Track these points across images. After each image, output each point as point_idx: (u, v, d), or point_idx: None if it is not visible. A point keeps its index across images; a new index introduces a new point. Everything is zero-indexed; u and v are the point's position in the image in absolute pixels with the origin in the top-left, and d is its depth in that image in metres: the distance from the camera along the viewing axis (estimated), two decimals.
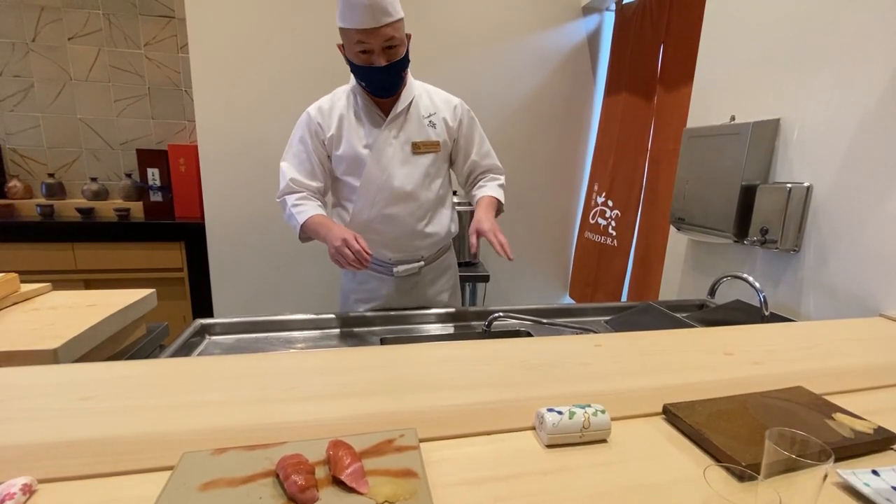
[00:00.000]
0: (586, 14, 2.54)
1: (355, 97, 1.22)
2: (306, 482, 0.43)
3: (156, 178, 2.49)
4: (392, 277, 1.31)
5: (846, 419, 0.61)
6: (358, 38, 1.06)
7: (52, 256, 2.26)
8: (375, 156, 1.20)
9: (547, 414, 0.56)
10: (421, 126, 1.24)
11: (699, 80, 1.69)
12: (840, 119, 1.21)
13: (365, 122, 1.21)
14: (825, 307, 1.24)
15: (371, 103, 1.21)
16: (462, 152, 1.33)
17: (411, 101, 1.23)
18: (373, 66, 1.10)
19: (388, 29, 1.05)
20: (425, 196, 1.26)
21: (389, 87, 1.17)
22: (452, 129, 1.28)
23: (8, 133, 2.51)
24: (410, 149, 1.23)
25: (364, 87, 1.17)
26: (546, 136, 2.64)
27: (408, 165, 1.23)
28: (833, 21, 1.22)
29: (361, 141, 1.21)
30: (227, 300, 2.41)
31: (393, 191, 1.22)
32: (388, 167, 1.21)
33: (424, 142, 1.24)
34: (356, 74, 1.16)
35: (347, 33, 1.07)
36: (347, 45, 1.10)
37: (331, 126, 1.21)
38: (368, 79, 1.14)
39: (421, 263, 1.32)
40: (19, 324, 0.89)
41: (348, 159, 1.22)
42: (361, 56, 1.09)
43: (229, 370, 0.72)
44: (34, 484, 0.46)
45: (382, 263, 1.30)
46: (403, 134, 1.22)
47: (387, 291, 1.33)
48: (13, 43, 2.42)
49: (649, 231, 2.25)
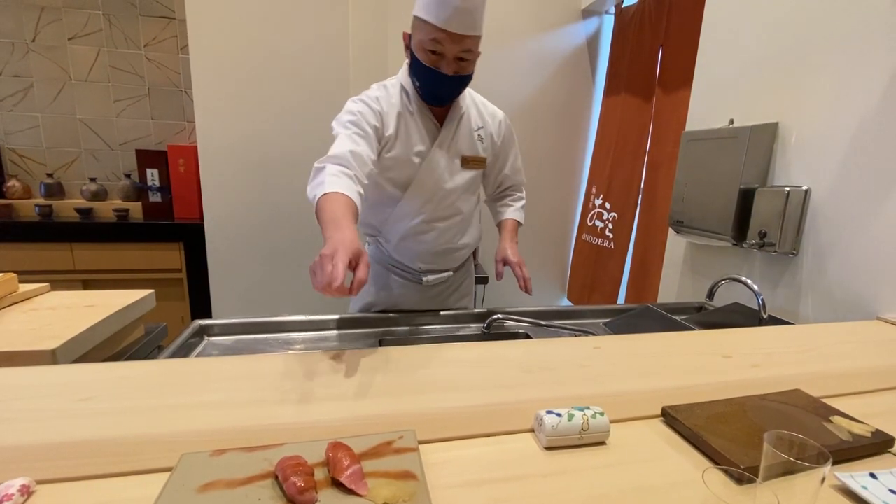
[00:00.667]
0: (586, 17, 2.55)
1: (409, 98, 1.12)
2: (306, 484, 0.43)
3: (155, 178, 2.49)
4: (419, 285, 1.28)
5: (844, 422, 0.61)
6: (435, 37, 0.97)
7: (50, 256, 2.25)
8: (428, 166, 1.14)
9: (546, 416, 0.56)
10: (471, 140, 1.19)
11: (698, 83, 1.70)
12: (838, 123, 1.21)
13: (420, 129, 1.13)
14: (823, 310, 1.25)
15: (425, 108, 1.13)
16: (497, 166, 1.29)
17: (464, 111, 1.16)
18: (438, 70, 1.01)
19: (468, 41, 0.99)
20: (466, 209, 1.24)
21: (444, 97, 1.10)
22: (496, 144, 1.24)
23: (7, 133, 2.51)
24: (460, 162, 1.18)
25: (417, 87, 1.09)
26: (545, 138, 2.64)
27: (456, 179, 1.18)
28: (832, 25, 1.23)
29: (416, 147, 1.12)
30: (225, 301, 2.40)
31: (440, 204, 1.18)
32: (440, 180, 1.16)
33: (474, 157, 1.19)
34: (415, 72, 1.06)
35: (425, 27, 0.98)
36: (419, 37, 1.00)
37: (390, 124, 1.10)
38: (427, 82, 1.05)
39: (450, 273, 1.30)
40: (18, 324, 0.89)
41: (399, 165, 1.13)
42: (430, 56, 1.00)
43: (228, 371, 0.72)
44: (32, 485, 0.46)
45: (411, 271, 1.28)
46: (455, 147, 1.17)
47: (411, 298, 1.30)
48: (13, 43, 2.42)
49: (647, 233, 2.25)
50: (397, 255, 1.25)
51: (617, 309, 1.37)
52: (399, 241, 1.22)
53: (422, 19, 0.98)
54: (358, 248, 0.74)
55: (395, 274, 1.29)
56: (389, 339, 1.16)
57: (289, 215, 2.33)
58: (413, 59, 1.05)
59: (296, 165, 2.29)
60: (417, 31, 1.01)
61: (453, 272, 1.32)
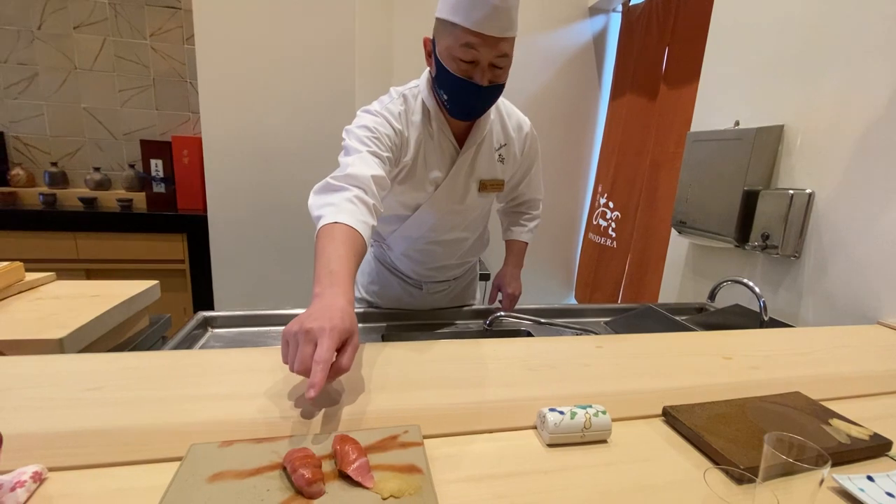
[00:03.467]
0: (593, 15, 2.54)
1: (429, 116, 0.99)
2: (314, 475, 0.43)
3: (159, 169, 2.49)
4: (420, 291, 1.28)
5: (843, 425, 0.62)
6: (467, 42, 0.83)
7: (54, 245, 2.26)
8: (442, 193, 1.05)
9: (549, 414, 0.57)
10: (491, 162, 1.08)
11: (704, 83, 1.70)
12: (844, 127, 1.22)
13: (438, 153, 1.01)
14: (824, 314, 1.25)
15: (446, 128, 1.00)
16: (516, 178, 1.20)
17: (487, 127, 1.04)
18: (471, 81, 0.88)
19: (504, 44, 0.85)
20: (475, 229, 1.21)
21: (475, 111, 0.96)
22: (518, 160, 1.14)
23: (12, 121, 2.51)
24: (476, 187, 1.08)
25: (444, 101, 0.94)
26: (551, 136, 2.64)
27: (470, 204, 1.10)
28: (839, 28, 1.23)
29: (430, 175, 1.02)
30: (227, 292, 2.41)
31: (448, 226, 1.13)
32: (452, 206, 1.08)
33: (492, 181, 1.09)
34: (442, 84, 0.91)
35: (454, 31, 0.83)
36: (445, 44, 0.86)
37: (410, 148, 0.99)
38: (457, 95, 0.91)
39: (451, 282, 1.30)
40: (24, 312, 0.90)
41: (412, 190, 1.03)
42: (462, 65, 0.86)
43: (235, 363, 0.72)
44: (44, 472, 0.47)
45: (412, 279, 1.27)
46: (474, 171, 1.07)
47: (412, 302, 1.28)
48: (18, 31, 2.41)
49: (650, 234, 2.25)
50: (399, 263, 1.24)
51: (618, 308, 1.38)
52: (402, 253, 1.20)
53: (450, 22, 0.83)
54: (349, 327, 0.60)
55: (397, 277, 1.28)
56: (392, 334, 1.17)
57: (292, 208, 2.33)
58: (439, 70, 0.90)
59: (300, 158, 2.29)
60: (444, 36, 0.86)
61: (454, 280, 1.32)
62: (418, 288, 1.27)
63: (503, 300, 1.22)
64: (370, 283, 1.32)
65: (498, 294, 1.26)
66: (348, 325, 0.60)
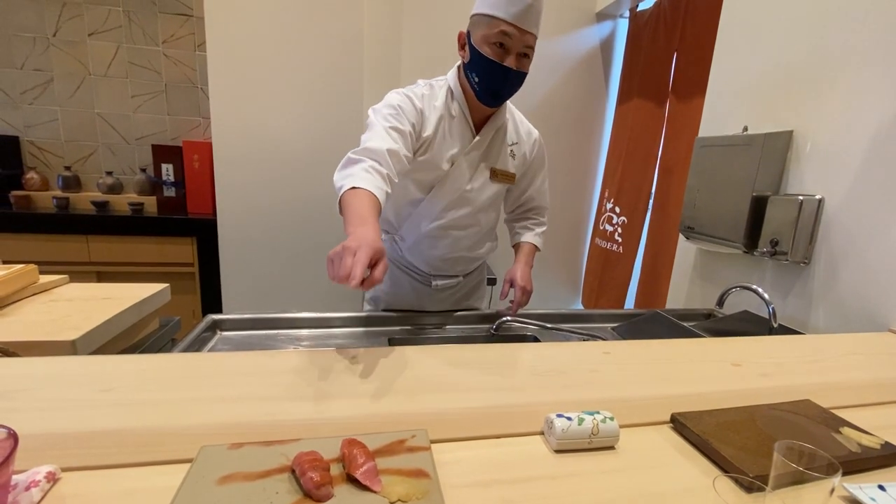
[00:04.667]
0: (600, 20, 2.54)
1: (452, 100, 1.13)
2: (322, 479, 0.44)
3: (170, 173, 2.53)
4: (429, 289, 1.29)
5: (853, 434, 0.61)
6: (502, 30, 0.99)
7: (66, 248, 2.29)
8: (456, 172, 1.14)
9: (556, 419, 0.57)
10: (503, 154, 1.19)
11: (712, 89, 1.69)
12: (854, 132, 1.21)
13: (455, 133, 1.13)
14: (834, 321, 1.24)
15: (467, 110, 1.13)
16: (523, 185, 1.30)
17: (503, 123, 1.18)
18: (502, 63, 1.02)
19: (530, 37, 1.03)
20: (486, 221, 1.24)
21: (503, 93, 1.09)
22: (527, 162, 1.25)
23: (27, 126, 2.55)
24: (489, 174, 1.18)
25: (475, 83, 1.07)
26: (559, 142, 2.64)
27: (482, 191, 1.18)
28: (849, 33, 1.22)
29: (447, 152, 1.12)
30: (236, 296, 2.43)
31: (461, 211, 1.18)
32: (464, 189, 1.16)
33: (503, 171, 1.20)
34: (475, 68, 1.05)
35: (489, 22, 1.00)
36: (481, 34, 1.02)
37: (429, 125, 1.10)
38: (489, 75, 1.04)
39: (460, 279, 1.32)
40: (38, 314, 0.91)
41: (429, 168, 1.12)
42: (496, 49, 1.01)
43: (244, 366, 0.73)
44: (58, 472, 0.47)
45: (421, 273, 1.29)
46: (487, 157, 1.17)
47: (421, 300, 1.31)
48: (34, 37, 2.46)
49: (658, 239, 2.24)
50: (409, 255, 1.27)
51: (625, 314, 1.37)
52: (414, 243, 1.23)
53: (488, 15, 1.00)
54: (380, 248, 0.74)
55: (406, 273, 1.30)
56: (399, 338, 1.17)
57: (301, 213, 2.35)
58: (473, 56, 1.05)
59: (309, 163, 2.31)
60: (482, 27, 1.02)
61: (463, 277, 1.33)
62: (427, 285, 1.29)
63: (515, 292, 1.21)
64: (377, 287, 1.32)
65: (510, 290, 1.25)
66: (379, 246, 0.74)
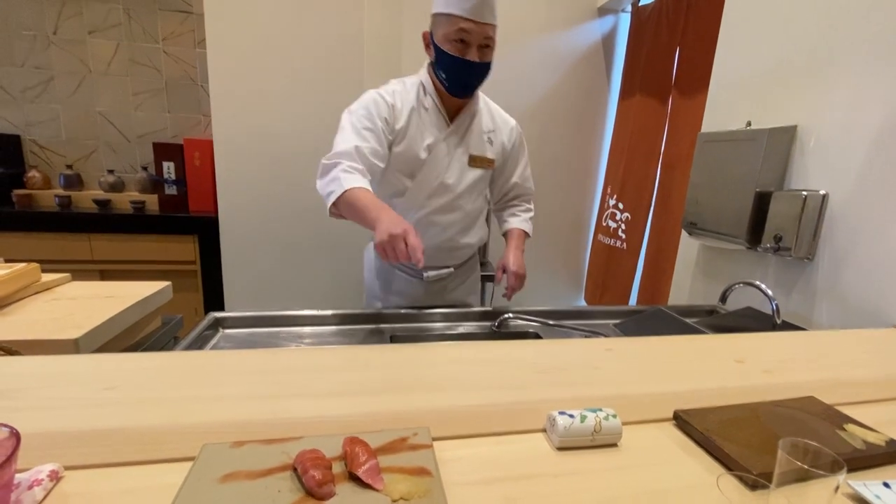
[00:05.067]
0: (602, 15, 2.52)
1: (424, 91, 1.19)
2: (324, 477, 0.44)
3: (171, 171, 2.52)
4: (421, 280, 1.31)
5: (858, 430, 0.61)
6: (461, 27, 1.05)
7: (69, 246, 2.30)
8: (434, 160, 1.19)
9: (559, 417, 0.56)
10: (480, 140, 1.24)
11: (715, 83, 1.68)
12: (859, 127, 1.20)
13: (430, 124, 1.19)
14: (838, 317, 1.23)
15: (439, 103, 1.19)
16: (506, 173, 1.35)
17: (476, 112, 1.23)
18: (465, 58, 1.08)
19: (489, 28, 1.07)
20: (470, 207, 1.28)
21: (470, 86, 1.15)
22: (506, 149, 1.30)
23: (28, 124, 2.56)
24: (467, 160, 1.23)
25: (443, 80, 1.14)
26: (559, 138, 2.63)
27: (462, 176, 1.23)
28: (853, 27, 1.21)
29: (424, 140, 1.18)
30: (238, 293, 2.43)
31: (443, 198, 1.22)
32: (444, 174, 1.21)
33: (481, 157, 1.24)
34: (441, 65, 1.12)
35: (447, 20, 1.06)
36: (442, 32, 1.08)
37: (401, 117, 1.16)
38: (455, 71, 1.11)
39: (451, 270, 1.32)
40: (40, 313, 0.91)
41: (406, 157, 1.19)
42: (457, 45, 1.07)
43: (245, 364, 0.73)
44: (61, 470, 0.47)
45: (413, 266, 1.30)
46: (464, 144, 1.22)
47: (414, 293, 1.33)
48: (35, 35, 2.46)
49: (661, 235, 2.24)
50: None
51: (628, 310, 1.37)
52: None
53: (446, 14, 1.06)
54: (405, 224, 0.92)
55: (398, 268, 1.32)
56: (400, 335, 1.17)
57: (302, 210, 2.35)
58: (438, 54, 1.11)
59: (310, 160, 2.28)
60: (441, 26, 1.08)
61: (455, 269, 1.34)
62: (419, 277, 1.30)
63: (508, 278, 1.24)
64: (373, 280, 1.37)
65: (503, 276, 1.27)
66: (408, 223, 0.93)
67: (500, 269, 1.26)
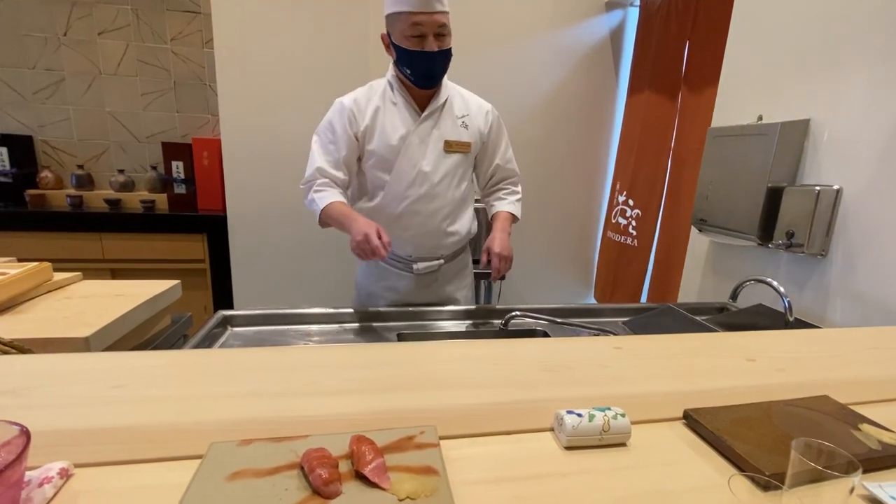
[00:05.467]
0: (609, 9, 2.50)
1: (392, 90, 1.23)
2: (330, 476, 0.44)
3: (180, 170, 2.54)
4: (411, 274, 1.32)
5: (873, 430, 0.60)
6: (413, 21, 1.09)
7: (80, 246, 2.33)
8: (409, 150, 1.21)
9: (566, 416, 0.56)
10: (454, 126, 1.26)
11: (726, 78, 1.65)
12: (874, 120, 1.17)
13: (401, 116, 1.22)
14: (852, 314, 1.21)
15: (408, 96, 1.23)
16: (488, 157, 1.36)
17: (447, 99, 1.25)
18: (424, 50, 1.11)
19: (440, 16, 1.10)
20: (452, 195, 1.28)
21: (435, 75, 1.18)
22: (483, 133, 1.31)
23: (40, 125, 2.59)
24: (443, 146, 1.24)
25: (408, 75, 1.18)
26: (567, 134, 2.61)
27: (439, 163, 1.24)
28: (868, 19, 1.18)
29: (396, 133, 1.21)
30: (247, 291, 2.45)
31: (422, 187, 1.24)
32: (420, 162, 1.22)
33: (457, 141, 1.26)
34: (403, 61, 1.16)
35: (400, 18, 1.10)
36: (398, 30, 1.12)
37: (365, 117, 1.21)
38: (417, 64, 1.15)
39: (441, 262, 1.33)
40: (52, 311, 0.93)
41: (380, 151, 1.22)
42: (414, 40, 1.11)
43: (253, 363, 0.73)
44: (70, 468, 0.48)
45: (402, 260, 1.32)
46: (437, 131, 1.24)
47: (405, 288, 1.34)
48: (46, 37, 2.49)
49: (671, 232, 2.21)
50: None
51: (637, 308, 1.36)
52: (387, 227, 1.25)
53: (398, 13, 1.10)
54: (376, 225, 1.08)
55: (388, 264, 1.33)
56: (408, 333, 1.17)
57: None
58: (398, 52, 1.15)
59: None
60: (396, 24, 1.12)
61: (445, 261, 1.34)
62: (409, 271, 1.31)
63: (492, 260, 1.22)
64: (364, 276, 1.39)
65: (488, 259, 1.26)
66: (375, 224, 1.09)
67: (486, 252, 1.25)
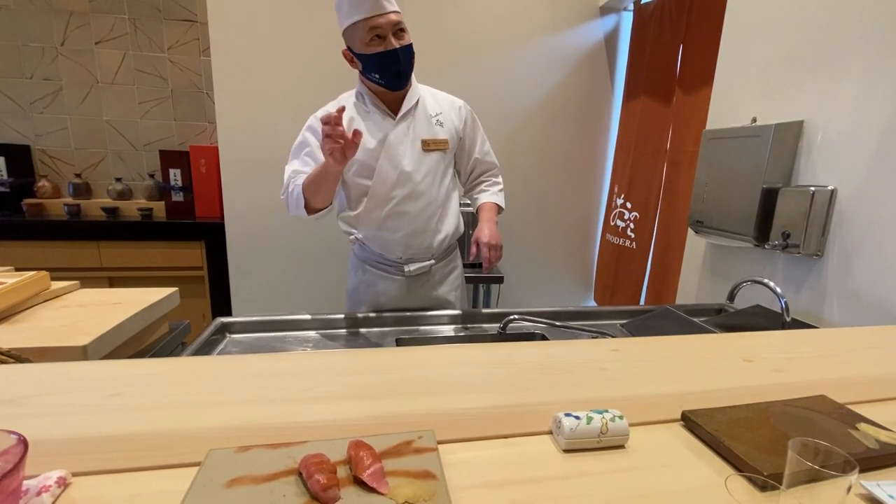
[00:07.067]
0: (604, 14, 2.52)
1: (363, 99, 1.25)
2: (329, 481, 0.44)
3: (177, 178, 2.55)
4: (402, 278, 1.31)
5: (871, 430, 0.60)
6: (371, 26, 1.11)
7: (78, 254, 2.33)
8: (388, 152, 1.22)
9: (565, 419, 0.56)
10: (429, 124, 1.27)
11: (719, 80, 1.67)
12: (867, 121, 1.18)
13: (375, 121, 1.23)
14: (848, 314, 1.21)
15: (379, 102, 1.24)
16: (466, 151, 1.38)
17: (418, 99, 1.26)
18: (388, 49, 1.13)
19: (394, 15, 1.13)
20: (436, 192, 1.29)
21: (403, 73, 1.19)
22: (458, 129, 1.33)
23: (37, 134, 2.59)
24: (420, 146, 1.25)
25: (377, 79, 1.19)
26: (563, 137, 2.62)
27: (420, 162, 1.25)
28: (860, 20, 1.20)
29: (374, 137, 1.22)
30: (245, 298, 2.45)
31: (406, 187, 1.24)
32: (402, 163, 1.23)
33: (434, 139, 1.27)
34: (370, 67, 1.17)
35: (357, 27, 1.12)
36: (358, 39, 1.14)
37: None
38: (385, 65, 1.16)
39: (431, 262, 1.33)
40: (50, 320, 0.92)
41: (360, 158, 1.21)
42: (376, 41, 1.12)
43: (251, 369, 0.73)
44: (68, 477, 0.48)
45: (393, 263, 1.31)
46: (413, 132, 1.25)
47: (396, 292, 1.33)
48: (43, 47, 2.50)
49: (668, 233, 2.22)
50: (376, 246, 1.30)
51: (635, 310, 1.36)
52: (376, 231, 1.27)
53: (354, 23, 1.12)
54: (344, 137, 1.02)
55: (379, 269, 1.33)
56: (406, 338, 1.17)
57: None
58: (363, 59, 1.17)
59: None
60: (355, 35, 1.14)
61: (435, 262, 1.34)
62: (400, 274, 1.31)
63: (482, 250, 1.22)
64: (355, 281, 1.38)
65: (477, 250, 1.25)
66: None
67: (474, 243, 1.24)
